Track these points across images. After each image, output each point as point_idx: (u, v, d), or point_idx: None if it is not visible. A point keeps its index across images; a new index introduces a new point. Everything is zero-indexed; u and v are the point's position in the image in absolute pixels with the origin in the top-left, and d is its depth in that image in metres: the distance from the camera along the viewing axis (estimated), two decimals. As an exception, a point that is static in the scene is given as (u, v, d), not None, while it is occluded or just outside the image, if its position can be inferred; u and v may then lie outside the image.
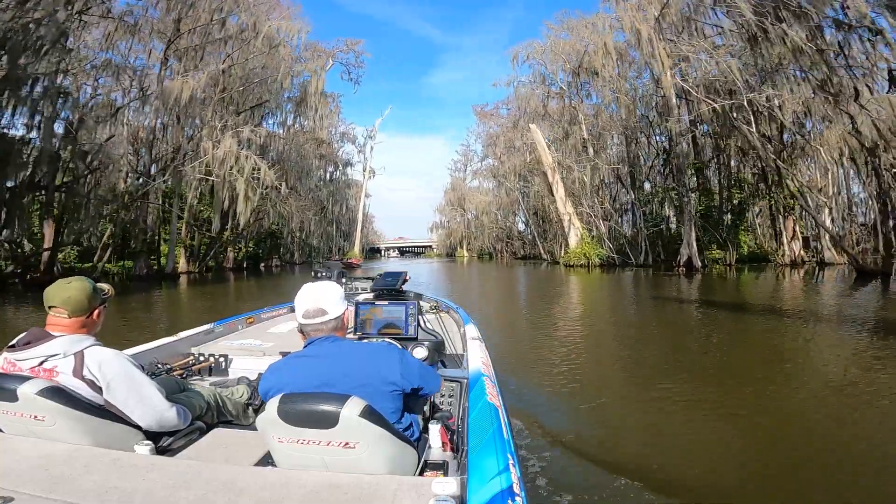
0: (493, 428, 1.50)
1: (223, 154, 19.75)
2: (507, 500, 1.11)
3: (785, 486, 2.73)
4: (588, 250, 26.33)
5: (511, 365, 5.30)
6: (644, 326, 8.87)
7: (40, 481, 1.19)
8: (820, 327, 8.11)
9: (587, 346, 6.98)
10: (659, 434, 3.56)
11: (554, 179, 27.74)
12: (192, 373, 2.59)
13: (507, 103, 54.37)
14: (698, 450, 3.27)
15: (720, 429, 3.65)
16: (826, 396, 4.45)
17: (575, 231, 27.40)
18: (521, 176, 46.65)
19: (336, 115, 51.91)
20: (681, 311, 10.67)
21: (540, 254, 44.68)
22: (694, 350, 6.77)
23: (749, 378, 4.93)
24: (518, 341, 7.46)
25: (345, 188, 61.15)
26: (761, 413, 3.95)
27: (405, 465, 1.38)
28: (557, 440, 3.27)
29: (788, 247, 23.08)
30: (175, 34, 24.29)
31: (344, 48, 48.81)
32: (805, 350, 6.57)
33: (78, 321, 1.64)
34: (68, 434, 1.48)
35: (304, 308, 1.53)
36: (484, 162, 59.38)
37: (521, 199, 46.88)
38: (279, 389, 1.37)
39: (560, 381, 4.84)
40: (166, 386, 1.87)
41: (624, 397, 4.60)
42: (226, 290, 18.12)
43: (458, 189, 61.23)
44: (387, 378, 1.41)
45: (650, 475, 2.76)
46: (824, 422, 3.84)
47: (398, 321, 2.60)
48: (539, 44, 36.21)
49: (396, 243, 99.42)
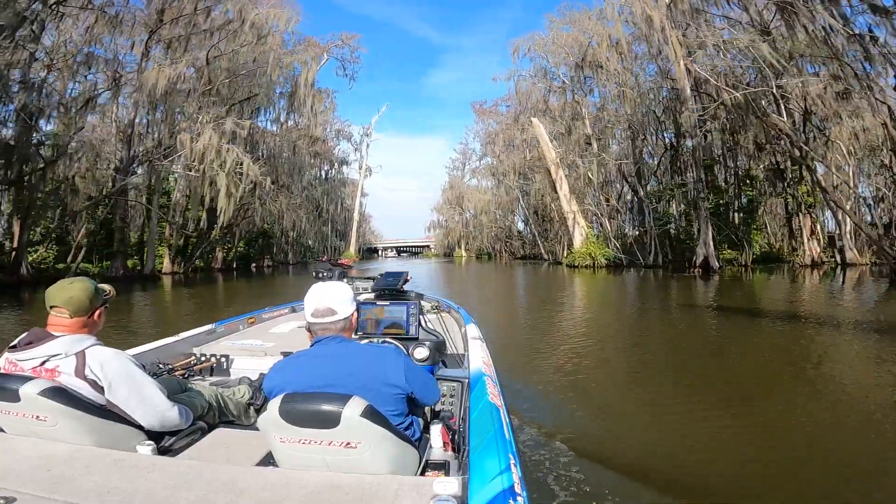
0: (494, 428, 1.49)
1: (203, 147, 18.25)
2: (508, 499, 1.09)
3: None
4: (594, 250, 24.92)
5: (521, 378, 4.76)
6: (675, 338, 7.51)
7: (42, 481, 1.19)
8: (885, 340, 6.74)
9: (608, 357, 5.99)
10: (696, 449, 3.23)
11: (557, 176, 26.36)
12: (194, 373, 2.58)
13: (506, 100, 53.18)
14: (717, 455, 3.13)
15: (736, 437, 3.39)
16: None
17: (579, 230, 26.01)
18: (522, 174, 45.34)
19: (331, 112, 50.49)
20: (711, 318, 9.32)
21: (540, 254, 43.41)
22: (732, 362, 5.69)
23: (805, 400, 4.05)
24: (528, 353, 6.18)
25: (340, 186, 59.71)
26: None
27: (406, 465, 1.39)
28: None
29: (808, 246, 21.77)
30: (158, 24, 22.88)
31: (339, 43, 47.42)
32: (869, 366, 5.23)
33: (79, 321, 1.64)
34: (70, 434, 1.48)
35: (313, 307, 1.53)
36: (482, 161, 58.10)
37: (521, 197, 45.47)
38: (284, 388, 1.37)
39: (587, 402, 4.21)
40: (168, 386, 1.87)
41: (658, 416, 3.90)
42: (204, 295, 16.64)
43: (456, 187, 59.67)
44: (391, 381, 1.42)
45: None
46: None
47: (399, 321, 2.54)
48: (541, 36, 34.86)
49: (394, 243, 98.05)
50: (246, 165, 19.02)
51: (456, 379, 2.15)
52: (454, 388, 2.11)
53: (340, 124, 56.66)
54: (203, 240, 30.38)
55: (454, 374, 2.23)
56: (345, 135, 58.38)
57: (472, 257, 59.77)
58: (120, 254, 21.90)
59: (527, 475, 1.38)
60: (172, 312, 12.23)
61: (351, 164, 61.41)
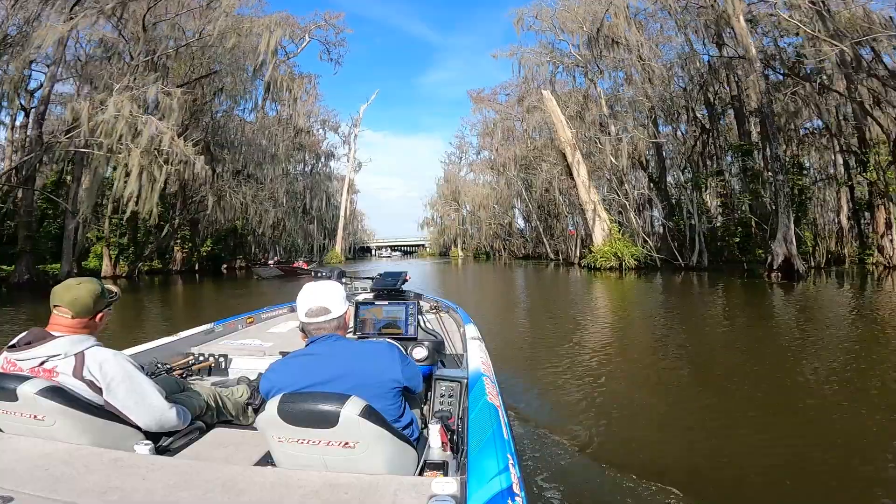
0: (493, 428, 1.47)
1: (111, 118, 13.52)
2: (507, 499, 1.09)
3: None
4: (620, 248, 20.46)
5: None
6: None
7: (40, 481, 1.19)
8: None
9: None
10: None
11: (574, 159, 21.88)
12: (192, 373, 2.58)
13: (505, 88, 48.88)
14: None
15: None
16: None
17: (601, 224, 21.53)
18: (525, 165, 40.91)
19: (314, 100, 45.66)
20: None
21: (545, 253, 39.00)
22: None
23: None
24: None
25: (325, 180, 54.97)
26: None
27: (405, 464, 1.39)
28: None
29: (887, 244, 17.47)
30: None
31: (322, 24, 42.66)
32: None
33: (81, 322, 1.63)
34: (68, 434, 1.48)
35: (306, 307, 1.53)
36: (480, 155, 53.49)
37: (523, 190, 40.95)
38: (281, 388, 1.36)
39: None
40: (166, 386, 1.86)
41: None
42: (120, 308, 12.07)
43: (452, 181, 54.76)
44: (389, 376, 1.43)
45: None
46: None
47: (398, 321, 2.50)
48: (548, 9, 30.46)
49: (388, 242, 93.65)
50: (167, 140, 14.26)
51: (454, 379, 2.02)
52: (453, 388, 1.99)
53: (326, 114, 51.81)
54: (154, 237, 25.83)
55: (453, 374, 2.08)
56: (331, 126, 53.50)
57: (468, 257, 55.03)
58: (24, 254, 17.17)
59: (525, 475, 1.44)
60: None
61: (339, 158, 56.75)
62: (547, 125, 38.27)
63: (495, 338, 6.00)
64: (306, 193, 50.36)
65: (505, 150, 43.95)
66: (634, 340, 7.29)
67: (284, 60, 43.13)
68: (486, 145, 51.48)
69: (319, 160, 54.41)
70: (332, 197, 58.08)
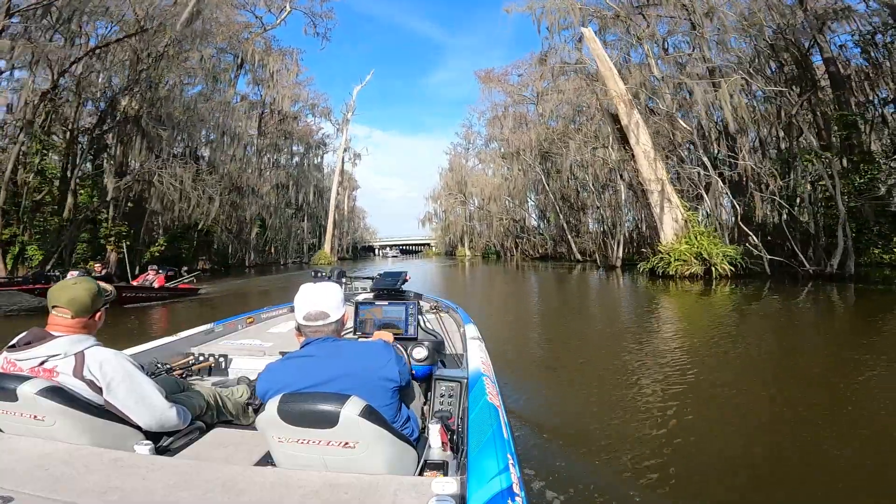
0: (493, 428, 1.47)
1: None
2: (507, 499, 1.08)
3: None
4: (706, 246, 13.97)
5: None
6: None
7: (40, 481, 1.18)
8: None
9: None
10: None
11: (631, 121, 15.43)
12: (192, 372, 2.57)
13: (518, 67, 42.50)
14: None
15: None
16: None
17: (671, 213, 15.06)
18: (542, 152, 34.50)
19: (294, 75, 39.27)
20: None
21: (571, 253, 32.54)
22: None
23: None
24: None
25: (315, 172, 48.79)
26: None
27: (405, 464, 1.38)
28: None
29: None
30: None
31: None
32: None
33: (80, 321, 1.62)
34: (68, 434, 1.47)
35: (305, 311, 1.52)
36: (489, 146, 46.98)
37: (543, 178, 34.45)
38: (277, 390, 1.35)
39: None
40: (166, 386, 1.84)
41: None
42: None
43: (457, 171, 47.94)
44: (384, 375, 1.43)
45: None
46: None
47: (398, 321, 2.50)
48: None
49: (391, 241, 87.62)
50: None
51: (454, 379, 2.03)
52: (453, 388, 2.00)
53: (316, 97, 45.47)
54: (65, 231, 19.80)
55: (453, 375, 2.09)
56: (322, 111, 47.11)
57: (476, 256, 48.51)
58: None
59: (525, 475, 1.39)
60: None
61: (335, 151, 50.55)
62: (570, 105, 31.93)
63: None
64: (293, 187, 44.26)
65: (517, 137, 37.67)
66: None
67: (261, 33, 37.35)
68: (496, 135, 45.04)
69: (311, 149, 48.29)
70: (325, 192, 52.03)
